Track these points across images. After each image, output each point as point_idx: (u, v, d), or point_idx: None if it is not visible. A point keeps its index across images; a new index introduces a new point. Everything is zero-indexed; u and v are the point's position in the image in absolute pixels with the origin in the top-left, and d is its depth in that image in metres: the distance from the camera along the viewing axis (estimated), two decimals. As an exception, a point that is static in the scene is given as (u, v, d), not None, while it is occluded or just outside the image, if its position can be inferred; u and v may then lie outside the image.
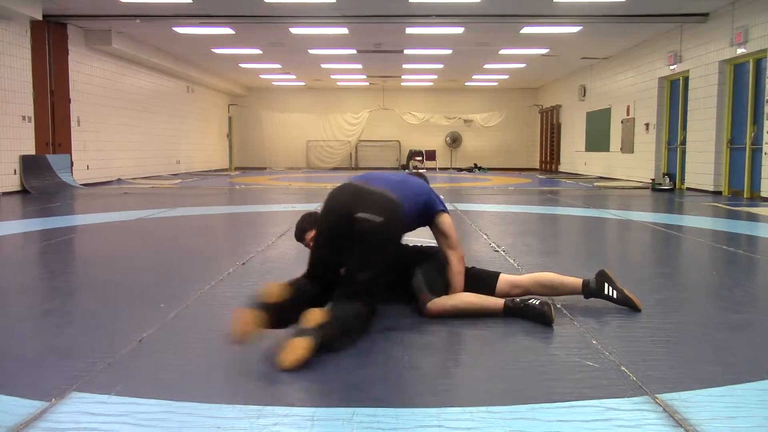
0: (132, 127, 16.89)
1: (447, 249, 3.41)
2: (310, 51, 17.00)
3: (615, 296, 3.46)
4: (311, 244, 3.33)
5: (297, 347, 2.57)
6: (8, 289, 4.15)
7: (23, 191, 11.78)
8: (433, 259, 3.47)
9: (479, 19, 12.79)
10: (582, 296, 3.52)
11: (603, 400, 2.25)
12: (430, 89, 25.60)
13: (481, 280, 3.53)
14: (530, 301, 3.25)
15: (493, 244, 5.71)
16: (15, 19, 11.53)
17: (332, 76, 22.60)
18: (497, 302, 3.31)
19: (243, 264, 4.80)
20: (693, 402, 2.24)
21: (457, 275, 3.38)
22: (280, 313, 2.86)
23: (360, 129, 26.25)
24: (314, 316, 2.72)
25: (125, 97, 16.45)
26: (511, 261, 4.98)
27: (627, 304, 3.46)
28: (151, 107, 18.16)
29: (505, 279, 3.55)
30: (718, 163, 12.19)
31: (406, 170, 24.41)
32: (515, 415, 2.13)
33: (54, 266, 5.09)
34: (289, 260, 4.93)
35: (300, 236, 3.51)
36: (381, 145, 26.79)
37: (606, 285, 3.48)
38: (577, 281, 3.53)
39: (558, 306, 3.48)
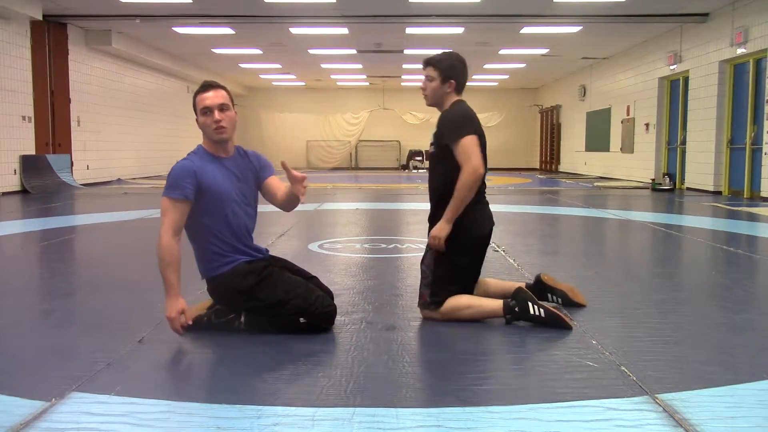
0: (132, 127, 16.88)
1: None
2: (310, 51, 17.00)
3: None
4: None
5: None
6: (8, 289, 4.15)
7: (23, 191, 11.77)
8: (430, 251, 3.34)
9: (479, 19, 12.79)
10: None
11: (603, 400, 2.25)
12: (430, 89, 25.51)
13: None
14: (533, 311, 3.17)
15: (493, 244, 5.69)
16: (15, 19, 11.53)
17: (332, 76, 22.59)
18: (496, 305, 3.25)
19: (243, 264, 4.78)
20: (693, 402, 2.24)
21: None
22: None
23: (360, 129, 26.27)
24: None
25: (125, 97, 16.44)
26: (511, 261, 4.99)
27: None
28: (151, 107, 18.16)
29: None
30: (718, 163, 12.18)
31: (407, 170, 24.44)
32: (515, 415, 2.13)
33: (54, 266, 5.09)
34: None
35: (434, 63, 3.33)
36: (381, 145, 26.79)
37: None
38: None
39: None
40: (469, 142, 3.17)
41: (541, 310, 3.16)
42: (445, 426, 2.05)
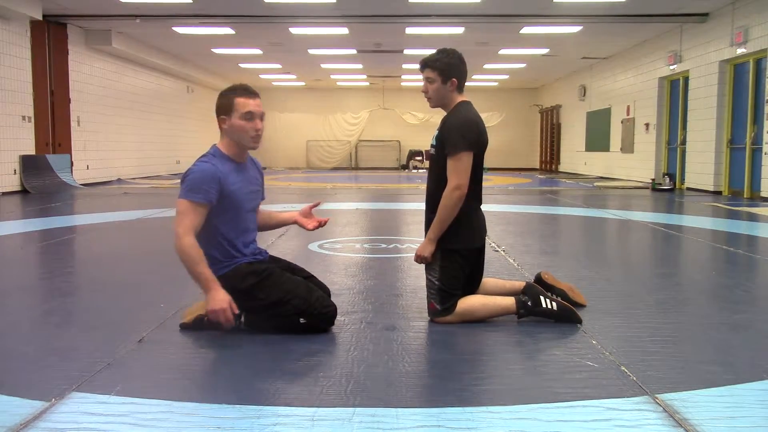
0: (132, 127, 16.88)
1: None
2: (310, 51, 17.00)
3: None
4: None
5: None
6: (8, 289, 4.15)
7: (23, 191, 11.77)
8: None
9: (479, 19, 12.79)
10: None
11: (603, 400, 2.25)
12: (430, 89, 25.53)
13: None
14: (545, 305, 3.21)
15: (493, 244, 5.70)
16: (15, 19, 11.53)
17: (332, 76, 22.59)
18: (508, 301, 3.26)
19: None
20: (693, 402, 2.24)
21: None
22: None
23: (360, 129, 26.28)
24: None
25: (125, 97, 16.44)
26: (511, 261, 4.98)
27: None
28: (151, 107, 18.16)
29: None
30: (718, 163, 12.19)
31: (407, 170, 24.45)
32: (515, 415, 2.13)
33: (54, 266, 5.09)
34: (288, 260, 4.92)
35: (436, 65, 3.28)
36: (381, 145, 26.79)
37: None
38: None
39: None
40: (463, 159, 3.14)
41: (554, 304, 3.19)
42: (445, 426, 2.05)
